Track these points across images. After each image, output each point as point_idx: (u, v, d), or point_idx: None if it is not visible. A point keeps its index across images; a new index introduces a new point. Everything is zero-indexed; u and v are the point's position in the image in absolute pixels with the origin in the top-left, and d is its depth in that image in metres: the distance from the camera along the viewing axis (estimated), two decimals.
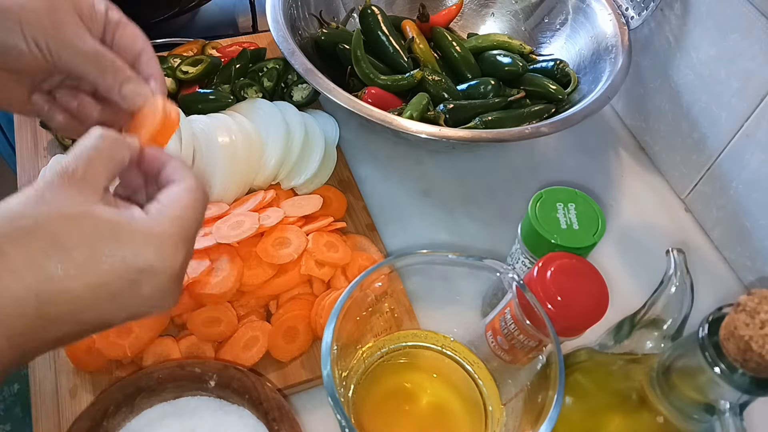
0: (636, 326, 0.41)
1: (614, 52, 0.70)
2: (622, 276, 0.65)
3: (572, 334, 0.47)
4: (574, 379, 0.42)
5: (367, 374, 0.47)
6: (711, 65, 0.65)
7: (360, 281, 0.43)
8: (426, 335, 0.50)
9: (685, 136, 0.70)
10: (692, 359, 0.32)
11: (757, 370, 0.29)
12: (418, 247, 0.65)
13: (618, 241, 0.68)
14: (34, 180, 0.63)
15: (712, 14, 0.64)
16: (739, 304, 0.30)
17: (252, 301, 0.55)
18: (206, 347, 0.53)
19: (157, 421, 0.48)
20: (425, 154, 0.74)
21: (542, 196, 0.52)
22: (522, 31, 0.83)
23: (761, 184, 0.61)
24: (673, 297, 0.41)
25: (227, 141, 0.61)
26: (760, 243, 0.63)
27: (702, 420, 0.35)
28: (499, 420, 0.45)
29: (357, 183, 0.68)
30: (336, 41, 0.75)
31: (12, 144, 0.96)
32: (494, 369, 0.47)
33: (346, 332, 0.43)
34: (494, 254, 0.65)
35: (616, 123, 0.81)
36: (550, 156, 0.77)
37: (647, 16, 0.71)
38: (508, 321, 0.44)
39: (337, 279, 0.57)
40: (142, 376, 0.48)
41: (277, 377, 0.53)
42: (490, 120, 0.68)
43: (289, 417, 0.47)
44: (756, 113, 0.61)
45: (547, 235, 0.49)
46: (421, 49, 0.76)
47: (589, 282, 0.46)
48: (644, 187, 0.74)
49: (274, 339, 0.53)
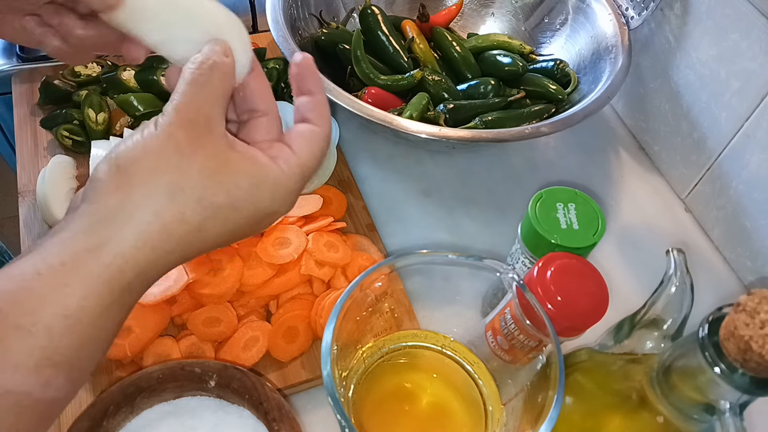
0: (636, 326, 0.41)
1: (614, 52, 0.70)
2: (622, 276, 0.65)
3: (572, 334, 0.47)
4: (574, 379, 0.42)
5: (367, 374, 0.47)
6: (711, 65, 0.65)
7: (360, 281, 0.43)
8: (426, 335, 0.50)
9: (685, 136, 0.70)
10: (692, 359, 0.32)
11: (757, 370, 0.29)
12: (418, 247, 0.65)
13: (618, 241, 0.68)
14: (34, 180, 0.63)
15: (712, 14, 0.64)
16: (739, 304, 0.30)
17: (252, 301, 0.55)
18: (206, 347, 0.53)
19: (157, 421, 0.47)
20: (425, 154, 0.74)
21: (542, 196, 0.52)
22: (522, 31, 0.83)
23: (761, 184, 0.61)
24: (673, 297, 0.41)
25: None
26: (760, 243, 0.63)
27: (702, 420, 0.35)
28: (499, 420, 0.45)
29: (357, 183, 0.68)
30: (336, 41, 0.75)
31: (12, 144, 0.96)
32: (494, 369, 0.47)
33: (346, 332, 0.43)
34: (494, 254, 0.65)
35: (616, 123, 0.81)
36: (550, 156, 0.77)
37: (647, 16, 0.71)
38: (508, 321, 0.44)
39: (337, 279, 0.57)
40: (142, 376, 0.48)
41: (277, 377, 0.53)
42: (490, 120, 0.68)
43: (289, 417, 0.47)
44: (756, 113, 0.61)
45: (547, 235, 0.49)
46: (421, 49, 0.76)
47: (589, 282, 0.46)
48: (644, 187, 0.74)
49: (274, 339, 0.53)
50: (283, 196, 0.34)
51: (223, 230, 0.33)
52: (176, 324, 0.55)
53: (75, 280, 0.29)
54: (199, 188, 0.31)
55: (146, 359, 0.51)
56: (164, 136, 0.31)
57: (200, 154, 0.31)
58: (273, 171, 0.33)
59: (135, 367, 0.52)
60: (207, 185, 0.31)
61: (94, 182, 0.31)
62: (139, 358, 0.52)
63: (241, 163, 0.32)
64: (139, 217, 0.30)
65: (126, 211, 0.30)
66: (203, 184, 0.31)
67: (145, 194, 0.30)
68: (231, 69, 0.34)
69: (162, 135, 0.31)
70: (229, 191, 0.32)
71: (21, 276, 0.28)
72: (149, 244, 0.30)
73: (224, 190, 0.32)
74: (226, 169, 0.32)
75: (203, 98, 0.32)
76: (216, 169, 0.31)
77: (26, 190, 0.64)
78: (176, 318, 0.54)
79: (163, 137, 0.31)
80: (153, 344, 0.52)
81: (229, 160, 0.32)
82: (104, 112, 0.66)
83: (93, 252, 0.29)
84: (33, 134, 0.69)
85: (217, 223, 0.32)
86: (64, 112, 0.67)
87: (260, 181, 0.33)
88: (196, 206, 0.31)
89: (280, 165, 0.34)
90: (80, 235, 0.30)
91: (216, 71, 0.33)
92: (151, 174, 0.30)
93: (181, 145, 0.31)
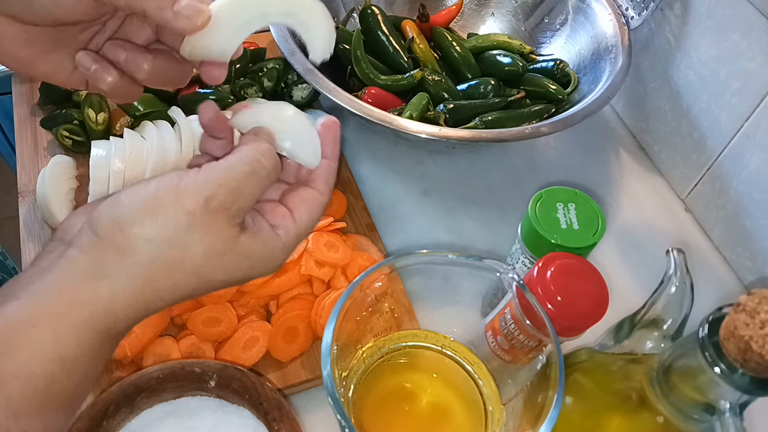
0: (636, 326, 0.41)
1: (614, 52, 0.70)
2: (622, 276, 0.65)
3: (572, 334, 0.47)
4: (574, 379, 0.42)
5: (367, 374, 0.47)
6: (711, 65, 0.65)
7: (360, 281, 0.43)
8: (426, 335, 0.50)
9: (685, 136, 0.70)
10: (692, 359, 0.32)
11: (757, 370, 0.29)
12: (418, 247, 0.65)
13: (618, 241, 0.68)
14: (34, 180, 0.63)
15: (712, 14, 0.64)
16: (739, 304, 0.30)
17: (252, 301, 0.55)
18: (206, 347, 0.53)
19: (157, 421, 0.47)
20: (425, 154, 0.74)
21: (542, 196, 0.52)
22: (522, 31, 0.83)
23: (761, 184, 0.61)
24: (673, 297, 0.41)
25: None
26: (760, 243, 0.63)
27: (702, 420, 0.35)
28: (499, 420, 0.45)
29: (357, 183, 0.68)
30: (336, 41, 0.75)
31: (12, 144, 0.97)
32: (494, 369, 0.47)
33: (346, 332, 0.43)
34: (494, 254, 0.65)
35: (616, 123, 0.81)
36: (550, 156, 0.77)
37: (647, 16, 0.71)
38: (508, 321, 0.44)
39: (337, 279, 0.57)
40: (142, 376, 0.48)
41: (277, 377, 0.53)
42: (490, 120, 0.68)
43: (289, 417, 0.47)
44: (756, 113, 0.61)
45: (547, 235, 0.49)
46: (421, 49, 0.76)
47: (589, 282, 0.46)
48: (644, 187, 0.74)
49: (274, 339, 0.53)
50: (274, 263, 0.34)
51: (211, 292, 0.33)
52: (176, 324, 0.55)
53: (71, 330, 0.29)
54: (198, 265, 0.31)
55: (146, 359, 0.51)
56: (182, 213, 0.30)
57: (212, 236, 0.31)
58: (271, 242, 0.33)
59: (135, 367, 0.52)
60: (209, 264, 0.31)
61: (93, 228, 0.30)
62: (139, 358, 0.52)
63: (248, 245, 0.32)
64: (135, 280, 0.30)
65: (123, 271, 0.30)
66: (205, 263, 0.31)
67: (144, 263, 0.30)
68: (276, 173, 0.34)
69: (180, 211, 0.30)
70: (226, 269, 0.32)
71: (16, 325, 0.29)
72: (141, 303, 0.31)
73: (223, 269, 0.32)
74: (233, 253, 0.32)
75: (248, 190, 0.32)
76: (222, 252, 0.31)
77: (26, 190, 0.64)
78: (176, 318, 0.54)
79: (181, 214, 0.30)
80: (153, 344, 0.52)
81: (237, 244, 0.32)
82: (104, 112, 0.66)
83: (87, 305, 0.29)
84: (33, 134, 0.69)
85: (208, 289, 0.32)
86: (64, 112, 0.67)
87: (259, 257, 0.33)
88: (191, 278, 0.31)
89: (279, 235, 0.34)
90: (74, 286, 0.30)
91: (274, 173, 0.33)
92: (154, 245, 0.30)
93: (196, 225, 0.30)
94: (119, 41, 0.37)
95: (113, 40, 0.37)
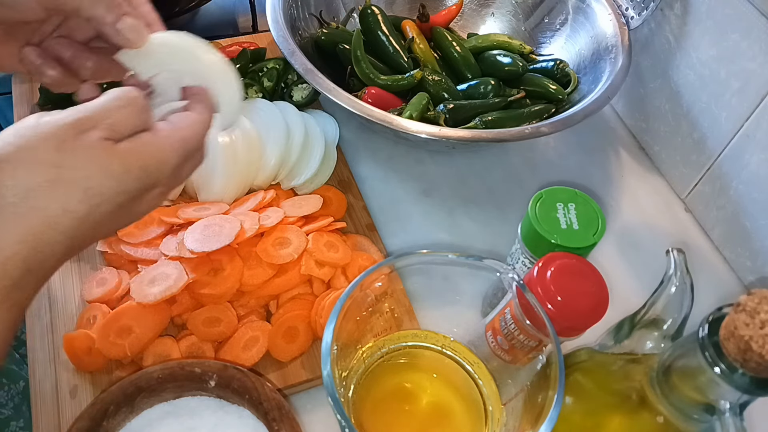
0: (636, 326, 0.41)
1: (614, 52, 0.70)
2: (622, 276, 0.65)
3: (572, 334, 0.47)
4: (574, 379, 0.42)
5: (367, 374, 0.47)
6: (711, 65, 0.65)
7: (360, 281, 0.43)
8: (426, 335, 0.50)
9: (685, 136, 0.70)
10: (692, 359, 0.32)
11: (757, 370, 0.29)
12: (418, 247, 0.65)
13: (618, 241, 0.68)
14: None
15: (712, 14, 0.64)
16: (739, 304, 0.30)
17: (252, 301, 0.55)
18: (206, 347, 0.53)
19: (157, 421, 0.47)
20: (425, 154, 0.74)
21: (542, 196, 0.52)
22: (522, 31, 0.83)
23: (761, 184, 0.61)
24: (673, 297, 0.41)
25: (227, 141, 0.61)
26: (760, 243, 0.63)
27: (702, 420, 0.35)
28: (499, 420, 0.45)
29: (357, 183, 0.68)
30: (336, 41, 0.75)
31: None
32: (494, 369, 0.47)
33: (346, 332, 0.43)
34: (494, 254, 0.65)
35: (616, 123, 0.81)
36: (550, 156, 0.77)
37: (647, 16, 0.71)
38: (508, 321, 0.44)
39: (337, 279, 0.57)
40: (142, 376, 0.48)
41: (277, 377, 0.53)
42: (490, 120, 0.68)
43: (289, 417, 0.47)
44: (756, 113, 0.61)
45: (547, 235, 0.49)
46: (421, 49, 0.76)
47: (589, 282, 0.46)
48: (644, 187, 0.74)
49: (274, 339, 0.53)
50: (167, 166, 0.34)
51: (113, 216, 0.32)
52: (176, 324, 0.55)
53: None
54: (79, 178, 0.30)
55: (146, 359, 0.51)
56: (42, 139, 0.30)
57: (87, 149, 0.31)
58: (155, 140, 0.34)
59: (135, 367, 0.52)
60: (94, 176, 0.31)
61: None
62: (139, 358, 0.52)
63: (131, 149, 0.32)
64: (20, 212, 0.29)
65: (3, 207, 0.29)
66: (91, 175, 0.31)
67: (22, 192, 0.29)
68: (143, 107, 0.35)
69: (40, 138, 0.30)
70: (116, 176, 0.31)
71: None
72: (31, 237, 0.29)
73: (112, 177, 0.31)
74: (116, 158, 0.32)
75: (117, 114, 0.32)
76: (103, 158, 0.31)
77: None
78: (176, 318, 0.54)
79: (41, 140, 0.30)
80: (153, 344, 0.52)
81: (116, 151, 0.32)
82: None
83: None
84: None
85: (108, 208, 0.32)
86: None
87: (149, 155, 0.33)
88: (79, 195, 0.30)
89: (160, 135, 0.34)
90: None
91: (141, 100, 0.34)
92: (23, 174, 0.29)
93: (65, 145, 0.30)
94: (63, 39, 0.40)
95: (58, 37, 0.40)
